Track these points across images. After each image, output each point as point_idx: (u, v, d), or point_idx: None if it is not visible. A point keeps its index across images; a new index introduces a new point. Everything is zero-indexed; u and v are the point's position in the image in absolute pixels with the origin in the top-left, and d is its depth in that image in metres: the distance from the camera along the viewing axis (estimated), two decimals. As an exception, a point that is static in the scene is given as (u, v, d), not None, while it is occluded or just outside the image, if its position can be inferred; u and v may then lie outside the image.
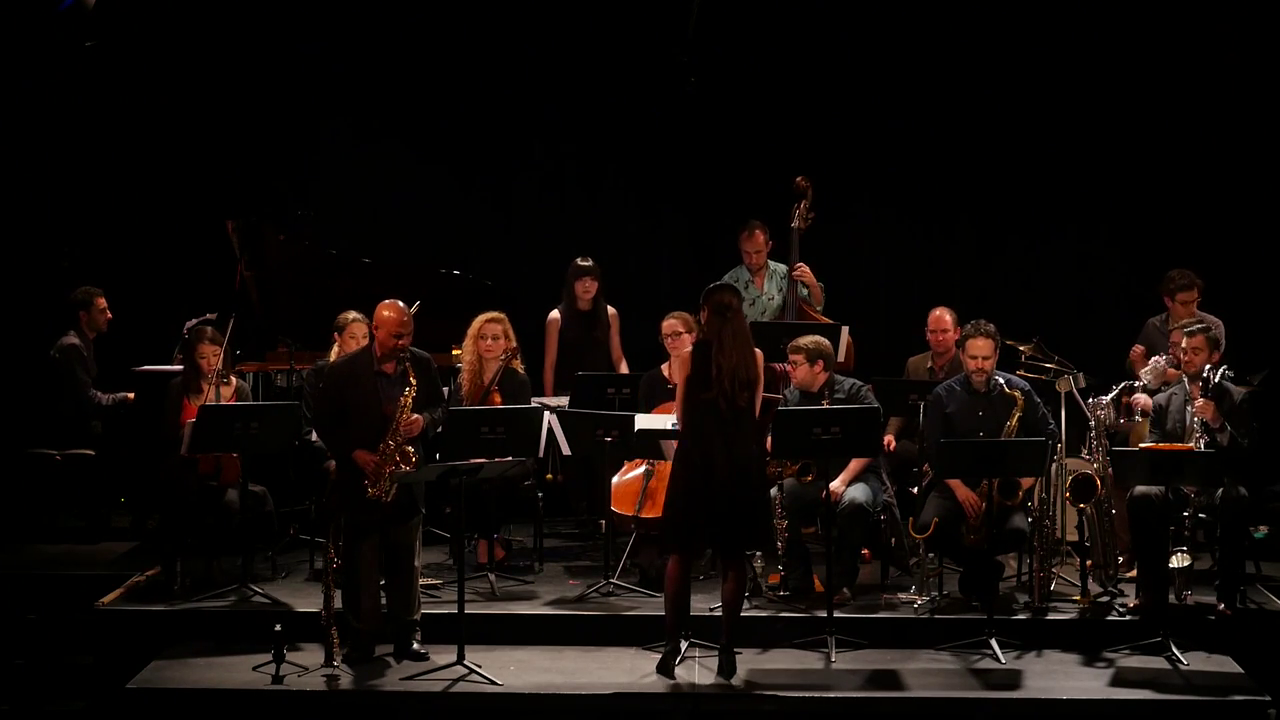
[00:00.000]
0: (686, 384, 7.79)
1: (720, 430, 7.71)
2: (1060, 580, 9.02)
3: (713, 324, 7.79)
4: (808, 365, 8.86)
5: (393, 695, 7.81)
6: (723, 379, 7.70)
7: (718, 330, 7.76)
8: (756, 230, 10.37)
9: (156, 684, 7.93)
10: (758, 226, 10.37)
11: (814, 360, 8.85)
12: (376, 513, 8.03)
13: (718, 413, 7.71)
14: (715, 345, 7.75)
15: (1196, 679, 7.99)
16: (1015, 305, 10.99)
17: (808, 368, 8.86)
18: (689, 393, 7.78)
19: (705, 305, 7.84)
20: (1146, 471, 8.26)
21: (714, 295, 7.84)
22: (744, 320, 7.90)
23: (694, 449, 7.77)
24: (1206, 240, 11.00)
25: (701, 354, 7.78)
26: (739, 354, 7.74)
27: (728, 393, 7.70)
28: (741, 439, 7.74)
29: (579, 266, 10.25)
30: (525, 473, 9.29)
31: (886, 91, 11.41)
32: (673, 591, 7.90)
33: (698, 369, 7.76)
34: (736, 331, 7.78)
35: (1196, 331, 8.78)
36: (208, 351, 9.12)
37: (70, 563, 9.55)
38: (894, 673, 8.06)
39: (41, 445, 10.16)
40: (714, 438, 7.72)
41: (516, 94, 11.52)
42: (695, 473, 7.74)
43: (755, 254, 10.39)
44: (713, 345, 7.76)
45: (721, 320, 7.77)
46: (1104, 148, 11.38)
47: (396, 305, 8.12)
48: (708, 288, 7.90)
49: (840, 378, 8.99)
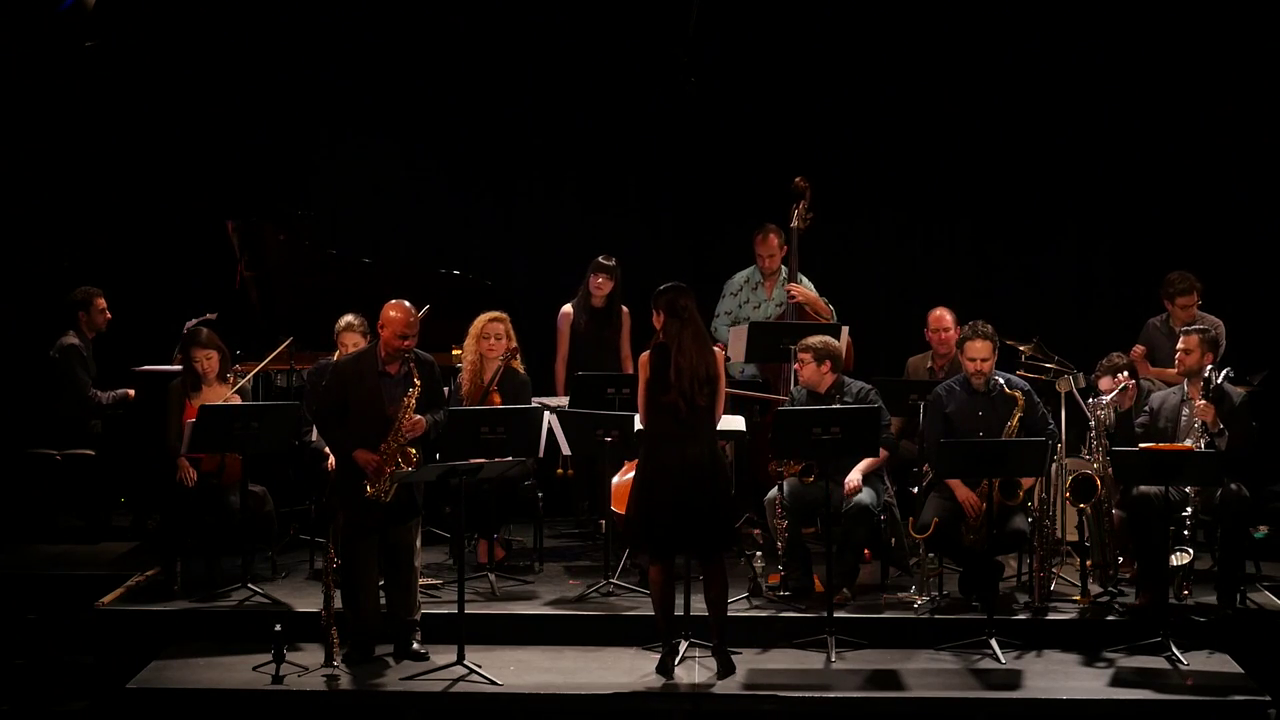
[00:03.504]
0: (646, 387, 7.77)
1: (677, 432, 7.71)
2: (1060, 580, 9.03)
3: (670, 326, 7.76)
4: (815, 364, 8.84)
5: (393, 695, 7.81)
6: (682, 380, 7.68)
7: (676, 332, 7.74)
8: (771, 234, 10.31)
9: (156, 684, 7.93)
10: (772, 230, 10.31)
11: (821, 360, 8.84)
12: (376, 512, 8.03)
13: (676, 414, 7.70)
14: (674, 347, 7.73)
15: (1196, 679, 7.99)
16: (1015, 305, 10.99)
17: (814, 366, 8.85)
18: (649, 396, 7.76)
19: (658, 308, 7.80)
20: (1146, 471, 8.27)
21: (665, 297, 7.80)
22: (699, 319, 7.86)
23: (651, 452, 7.78)
24: (1206, 240, 11.01)
25: (660, 356, 7.76)
26: (698, 354, 7.73)
27: (687, 393, 7.69)
28: (697, 441, 7.73)
29: (597, 263, 10.27)
30: (525, 473, 9.29)
31: (886, 92, 11.40)
32: (659, 595, 7.90)
33: (657, 372, 7.74)
34: (695, 332, 7.77)
35: (1192, 331, 8.80)
36: (201, 355, 9.13)
37: (70, 563, 9.55)
38: (894, 673, 8.06)
39: (41, 445, 10.16)
40: (670, 440, 7.72)
41: (517, 94, 11.52)
42: (652, 476, 7.75)
43: (769, 258, 10.34)
44: (671, 348, 7.74)
45: (679, 322, 7.74)
46: (1104, 148, 11.38)
47: (403, 305, 8.11)
48: (658, 290, 7.85)
49: (849, 380, 8.97)
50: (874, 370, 9.70)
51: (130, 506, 10.32)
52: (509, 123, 11.54)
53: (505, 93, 11.52)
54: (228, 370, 9.31)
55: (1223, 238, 11.11)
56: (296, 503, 9.71)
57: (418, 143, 11.58)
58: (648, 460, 7.80)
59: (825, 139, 11.31)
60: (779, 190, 10.47)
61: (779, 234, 10.32)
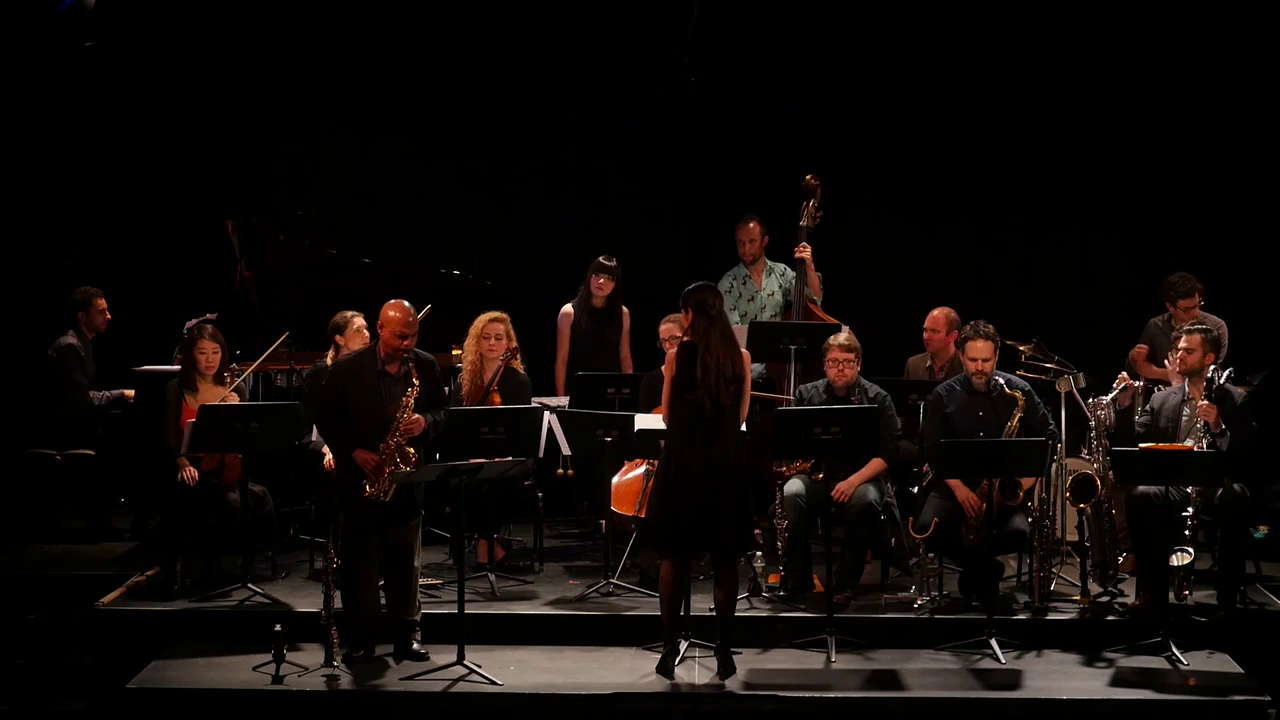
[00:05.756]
0: (672, 385, 7.79)
1: (701, 430, 7.71)
2: (1060, 580, 9.03)
3: (698, 325, 7.78)
4: (857, 363, 8.87)
5: (393, 695, 7.81)
6: (708, 378, 7.70)
7: (703, 330, 7.76)
8: (751, 221, 10.38)
9: (156, 684, 7.93)
10: (752, 218, 10.40)
11: (860, 357, 8.89)
12: (376, 512, 8.03)
13: (701, 412, 7.71)
14: (702, 345, 7.75)
15: (1196, 679, 7.98)
16: (1015, 305, 11.00)
17: (857, 366, 8.87)
18: (674, 393, 7.78)
19: (687, 306, 7.83)
20: (1147, 471, 8.27)
21: (695, 295, 7.82)
22: (727, 319, 7.91)
23: (674, 450, 7.78)
24: (1206, 240, 11.01)
25: (687, 355, 7.77)
26: (725, 352, 7.75)
27: (713, 390, 7.69)
28: (721, 439, 7.73)
29: (599, 263, 10.27)
30: (525, 473, 9.28)
31: (887, 91, 11.40)
32: (667, 594, 7.90)
33: (683, 370, 7.76)
34: (722, 331, 7.79)
35: (1194, 331, 8.79)
36: (208, 348, 9.13)
37: (70, 563, 9.55)
38: (894, 673, 8.06)
39: (41, 445, 10.16)
40: (694, 438, 7.72)
41: (517, 93, 11.52)
42: (675, 474, 7.75)
43: (749, 243, 10.38)
44: (699, 346, 7.75)
45: (706, 320, 7.77)
46: (1104, 148, 11.38)
47: (402, 305, 8.11)
48: (687, 289, 7.88)
49: (867, 382, 8.97)
50: (874, 370, 9.68)
51: (130, 506, 10.31)
52: (509, 122, 11.54)
53: (505, 92, 11.52)
54: (226, 370, 9.31)
55: (1223, 238, 11.11)
56: (296, 503, 9.70)
57: (417, 142, 11.58)
58: (671, 458, 7.78)
59: (825, 139, 11.30)
60: (778, 190, 10.48)
61: (759, 222, 10.38)
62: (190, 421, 8.80)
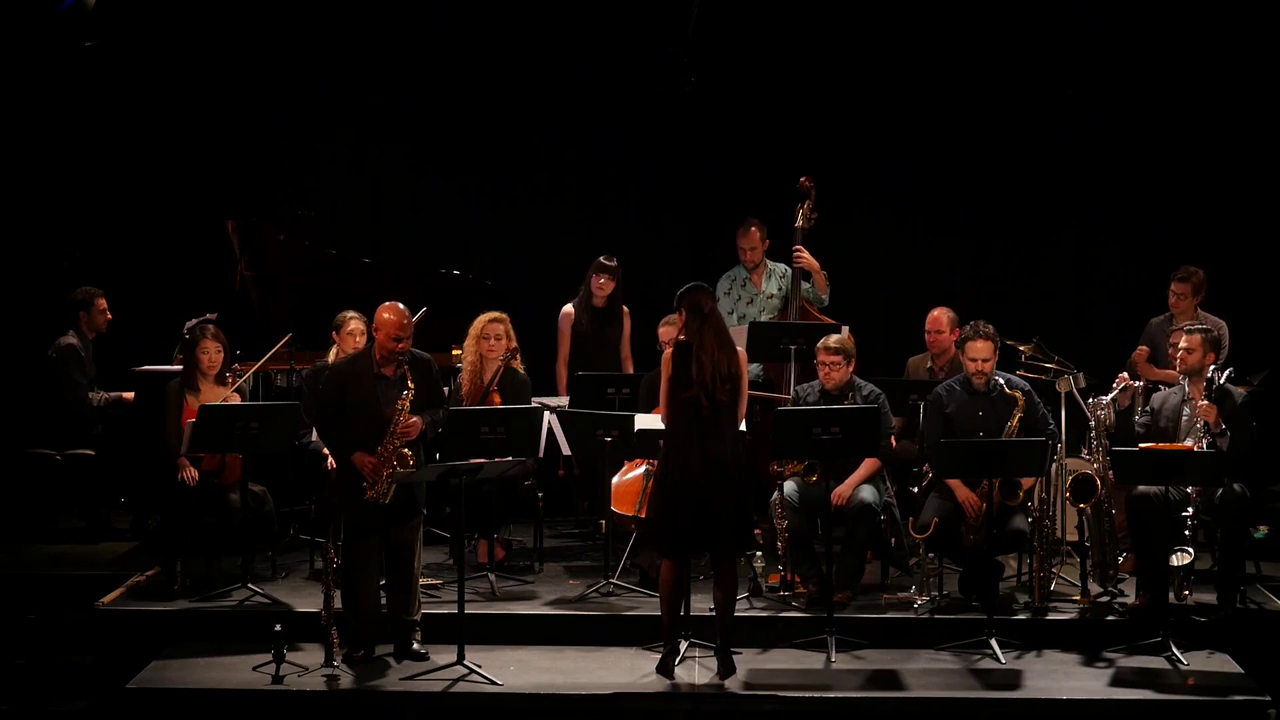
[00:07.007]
0: (669, 384, 7.81)
1: (698, 429, 7.72)
2: (1060, 580, 9.03)
3: (691, 324, 7.80)
4: (845, 365, 8.89)
5: (393, 695, 7.81)
6: (704, 376, 7.71)
7: (698, 330, 7.78)
8: (753, 227, 10.37)
9: (156, 684, 7.93)
10: (754, 224, 10.38)
11: (849, 359, 8.91)
12: (376, 513, 8.02)
13: (697, 410, 7.72)
14: (696, 344, 7.76)
15: (1196, 679, 7.99)
16: (1015, 305, 11.00)
17: (846, 368, 8.89)
18: (671, 393, 7.79)
19: (681, 307, 7.85)
20: (1147, 471, 8.27)
21: (688, 296, 7.85)
22: (721, 319, 7.94)
23: (673, 449, 7.79)
24: (1207, 241, 11.00)
25: (682, 354, 7.79)
26: (719, 350, 7.77)
27: (709, 388, 7.71)
28: (719, 438, 7.74)
29: (599, 264, 10.27)
30: (525, 473, 9.29)
31: (887, 92, 11.41)
32: (668, 594, 7.91)
33: (679, 369, 7.78)
34: (717, 330, 7.81)
35: (1195, 331, 8.79)
36: (210, 348, 9.13)
37: (70, 563, 9.55)
38: (894, 673, 8.06)
39: (41, 445, 10.15)
40: (691, 437, 7.73)
41: (517, 94, 11.52)
42: (673, 473, 7.76)
43: (750, 251, 10.39)
44: (693, 345, 7.77)
45: (700, 319, 7.79)
46: (1105, 148, 11.38)
47: (396, 308, 8.10)
48: (681, 290, 7.90)
49: (861, 381, 8.98)
50: (874, 370, 9.69)
51: (130, 506, 10.30)
52: (509, 123, 11.54)
53: (505, 93, 11.52)
54: (227, 370, 9.31)
55: (1223, 238, 11.11)
56: (296, 503, 9.70)
57: (417, 143, 11.58)
58: (669, 458, 7.80)
59: (825, 139, 11.31)
60: (778, 190, 10.47)
61: (760, 227, 10.36)
62: (190, 421, 8.80)
